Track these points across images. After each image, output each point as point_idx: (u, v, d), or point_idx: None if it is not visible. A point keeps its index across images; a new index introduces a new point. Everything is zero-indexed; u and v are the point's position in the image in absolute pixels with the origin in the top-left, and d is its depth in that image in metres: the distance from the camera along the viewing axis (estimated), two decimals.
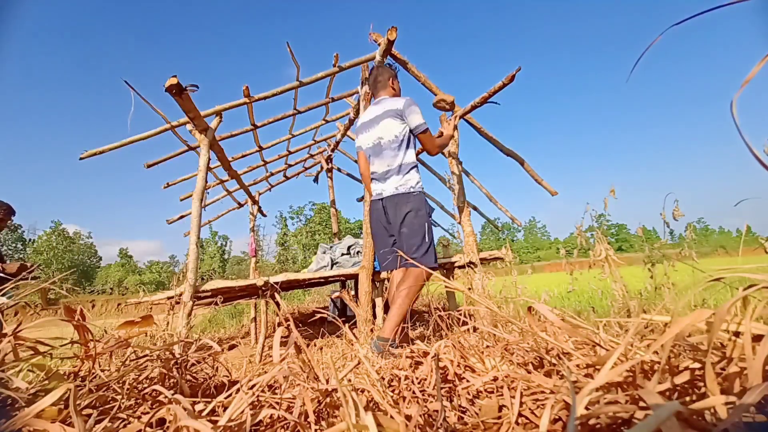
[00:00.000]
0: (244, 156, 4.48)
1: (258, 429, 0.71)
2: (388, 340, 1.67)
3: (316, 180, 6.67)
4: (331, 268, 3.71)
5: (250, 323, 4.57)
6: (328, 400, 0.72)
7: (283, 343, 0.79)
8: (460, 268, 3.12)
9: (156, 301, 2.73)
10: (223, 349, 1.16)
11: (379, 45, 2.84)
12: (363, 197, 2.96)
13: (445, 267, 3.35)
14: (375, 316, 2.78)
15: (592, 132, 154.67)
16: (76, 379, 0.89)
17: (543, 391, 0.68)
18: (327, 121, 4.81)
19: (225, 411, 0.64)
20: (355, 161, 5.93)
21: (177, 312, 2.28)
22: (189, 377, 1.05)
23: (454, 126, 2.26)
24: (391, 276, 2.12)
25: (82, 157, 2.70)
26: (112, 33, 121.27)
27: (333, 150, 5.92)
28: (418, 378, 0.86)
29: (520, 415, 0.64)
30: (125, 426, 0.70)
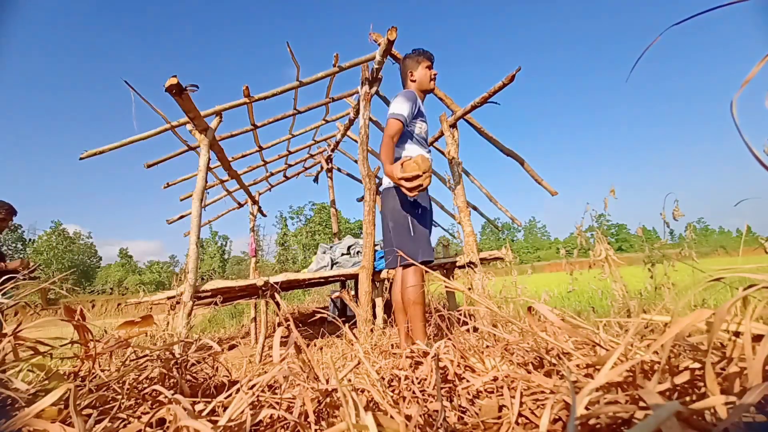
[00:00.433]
0: (244, 156, 4.48)
1: (258, 429, 0.71)
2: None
3: (316, 180, 6.67)
4: (331, 268, 3.71)
5: (250, 323, 4.58)
6: (328, 400, 0.72)
7: (283, 343, 0.79)
8: (460, 268, 3.12)
9: (156, 301, 2.73)
10: (223, 349, 1.16)
11: (379, 45, 2.84)
12: (363, 197, 2.96)
13: (445, 267, 3.35)
14: (375, 316, 2.78)
15: (593, 132, 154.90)
16: (76, 379, 0.89)
17: (543, 391, 0.68)
18: (327, 121, 4.81)
19: (225, 411, 0.64)
20: (356, 161, 5.94)
21: (177, 312, 2.28)
22: (189, 377, 1.05)
23: (399, 176, 1.66)
24: (392, 285, 2.08)
25: (82, 157, 2.70)
26: (112, 33, 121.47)
27: (333, 150, 5.92)
28: (418, 378, 0.86)
29: (520, 415, 0.64)
30: (125, 426, 0.70)
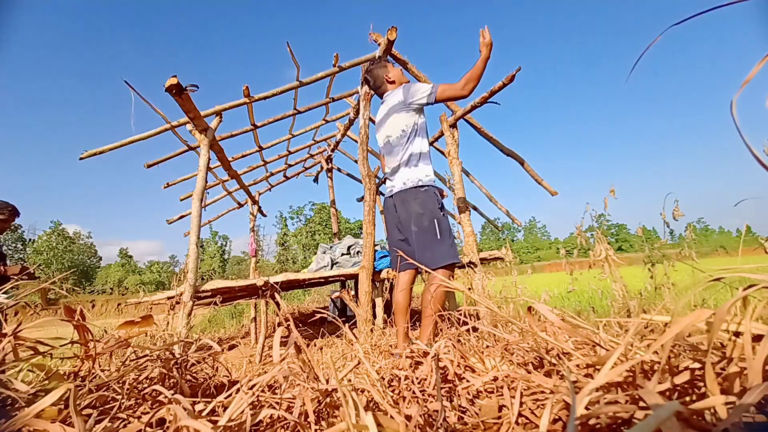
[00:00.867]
0: (244, 156, 4.48)
1: (258, 429, 0.71)
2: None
3: (316, 180, 6.67)
4: (331, 268, 3.71)
5: (250, 323, 4.58)
6: (328, 400, 0.72)
7: (283, 343, 0.79)
8: (460, 268, 3.12)
9: (156, 301, 2.73)
10: (223, 349, 1.16)
11: (379, 45, 2.84)
12: (363, 197, 2.96)
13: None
14: (375, 316, 2.77)
15: (593, 132, 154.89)
16: (76, 379, 0.89)
17: (543, 391, 0.68)
18: (327, 121, 4.81)
19: (225, 411, 0.64)
20: (356, 161, 5.94)
21: (177, 312, 2.28)
22: (189, 377, 1.05)
23: (488, 46, 1.72)
24: (396, 278, 2.00)
25: (82, 157, 2.70)
26: (112, 33, 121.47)
27: (333, 150, 5.92)
28: (418, 378, 0.86)
29: (520, 415, 0.64)
30: (125, 426, 0.70)
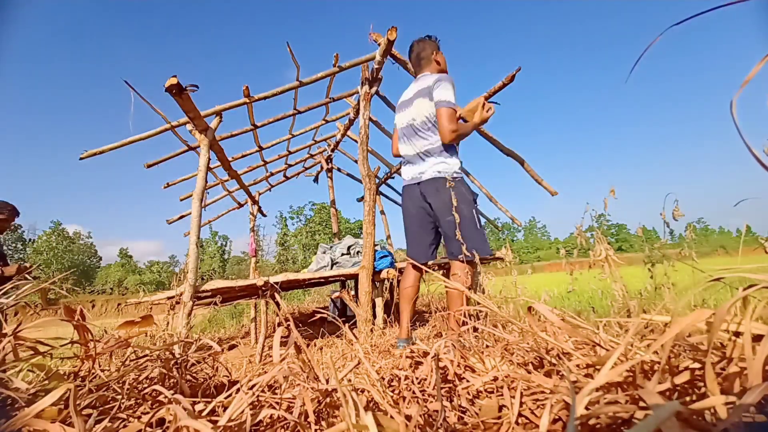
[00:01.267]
0: (244, 156, 4.48)
1: (258, 429, 0.71)
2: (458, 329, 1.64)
3: (316, 180, 6.67)
4: (331, 268, 3.71)
5: (250, 323, 4.57)
6: (328, 400, 0.72)
7: (283, 343, 0.79)
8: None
9: (156, 301, 2.73)
10: (223, 349, 1.16)
11: (379, 45, 2.84)
12: (363, 197, 2.96)
13: (445, 267, 3.35)
14: (375, 316, 2.77)
15: (593, 132, 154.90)
16: (76, 379, 0.89)
17: (543, 391, 0.68)
18: (327, 121, 4.80)
19: (225, 411, 0.64)
20: (356, 161, 5.94)
21: (177, 312, 2.28)
22: (189, 377, 1.05)
23: (483, 118, 1.86)
24: (407, 266, 2.02)
25: (82, 158, 2.70)
26: (112, 33, 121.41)
27: (333, 150, 5.92)
28: (418, 378, 0.86)
29: (520, 415, 0.64)
30: (125, 426, 0.70)
